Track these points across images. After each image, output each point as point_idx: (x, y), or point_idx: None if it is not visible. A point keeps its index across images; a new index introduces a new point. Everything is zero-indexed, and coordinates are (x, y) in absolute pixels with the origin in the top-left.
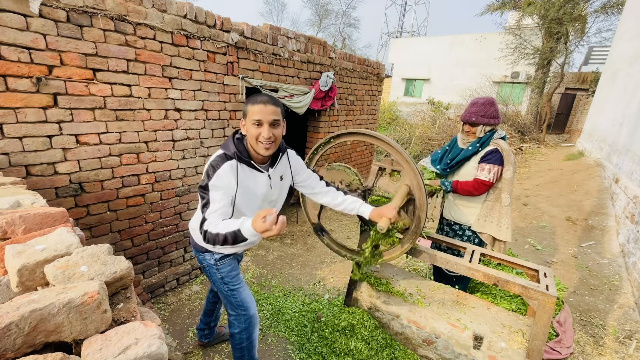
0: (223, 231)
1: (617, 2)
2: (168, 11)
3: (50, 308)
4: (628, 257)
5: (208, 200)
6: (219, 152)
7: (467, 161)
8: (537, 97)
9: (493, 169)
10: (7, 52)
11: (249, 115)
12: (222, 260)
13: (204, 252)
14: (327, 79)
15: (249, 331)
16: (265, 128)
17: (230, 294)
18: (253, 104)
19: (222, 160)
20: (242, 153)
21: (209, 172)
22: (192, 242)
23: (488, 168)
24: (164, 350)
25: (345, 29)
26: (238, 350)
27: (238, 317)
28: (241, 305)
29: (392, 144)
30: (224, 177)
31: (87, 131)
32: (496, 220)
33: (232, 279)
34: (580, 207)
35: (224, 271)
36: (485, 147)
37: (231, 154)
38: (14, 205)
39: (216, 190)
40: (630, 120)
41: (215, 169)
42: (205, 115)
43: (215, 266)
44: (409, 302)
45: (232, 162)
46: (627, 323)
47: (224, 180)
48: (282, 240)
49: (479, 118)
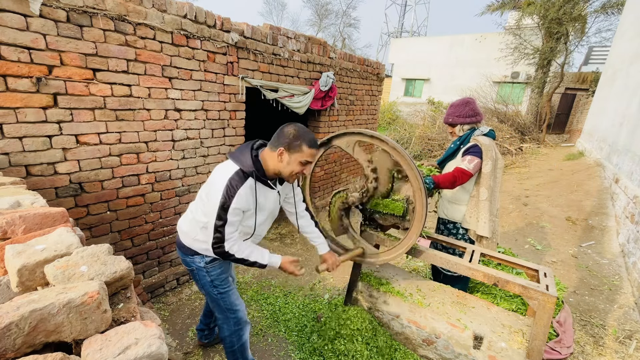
0: (251, 259)
1: (617, 2)
2: (168, 11)
3: (50, 308)
4: (628, 257)
5: (226, 221)
6: (235, 168)
7: (452, 159)
8: (537, 97)
9: (473, 161)
10: (7, 52)
11: (300, 154)
12: (213, 263)
13: (193, 255)
14: (327, 79)
15: (239, 333)
16: (309, 168)
17: (219, 297)
18: (310, 147)
19: (241, 180)
20: (259, 171)
21: (229, 192)
22: (179, 243)
23: (469, 159)
24: (164, 350)
25: (345, 29)
26: (230, 353)
27: (227, 320)
28: (230, 309)
29: (391, 143)
30: (244, 199)
31: (87, 131)
32: (475, 215)
33: (221, 282)
34: (580, 207)
35: (214, 274)
36: (466, 144)
37: (249, 172)
38: (14, 205)
39: (235, 212)
40: (630, 120)
41: (235, 190)
42: (205, 115)
43: (205, 269)
44: (409, 302)
45: (250, 182)
46: (627, 323)
47: (243, 202)
48: (282, 240)
49: (455, 118)
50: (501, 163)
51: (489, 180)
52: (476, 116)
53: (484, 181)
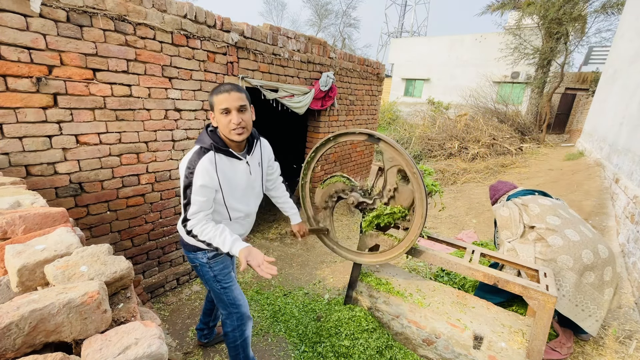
0: (212, 242)
1: (617, 2)
2: (168, 11)
3: (50, 308)
4: (628, 257)
5: (189, 200)
6: (195, 148)
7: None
8: (537, 97)
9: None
10: (7, 52)
11: (215, 106)
12: (215, 259)
13: (196, 251)
14: (327, 79)
15: (242, 329)
16: (234, 114)
17: (222, 292)
18: (217, 94)
19: (198, 156)
20: (219, 143)
21: (188, 171)
22: (182, 241)
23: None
24: (164, 350)
25: (345, 29)
26: (232, 348)
27: (230, 316)
28: (233, 303)
29: (393, 144)
30: (204, 174)
31: (87, 131)
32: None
33: (224, 277)
34: (580, 207)
35: (216, 269)
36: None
37: (208, 146)
38: (14, 205)
39: (199, 189)
40: (630, 120)
41: (194, 166)
42: (205, 115)
43: (207, 264)
44: (409, 302)
45: (210, 155)
46: (627, 323)
47: (204, 177)
48: (282, 240)
49: (492, 201)
50: (562, 208)
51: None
52: (495, 194)
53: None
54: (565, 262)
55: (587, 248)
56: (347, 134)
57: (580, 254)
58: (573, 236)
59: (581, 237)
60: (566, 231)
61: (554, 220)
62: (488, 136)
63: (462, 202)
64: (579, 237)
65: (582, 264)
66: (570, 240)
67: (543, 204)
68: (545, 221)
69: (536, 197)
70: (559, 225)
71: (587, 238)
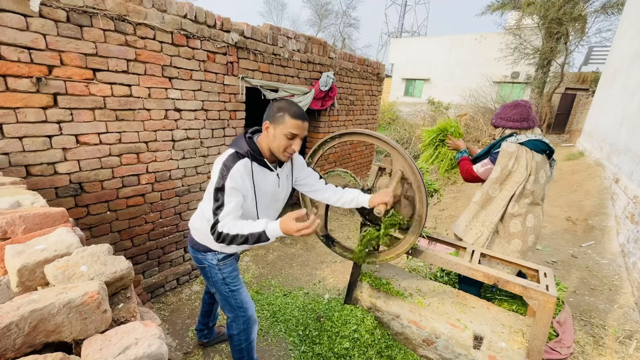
0: (244, 232)
1: (617, 2)
2: (168, 11)
3: (50, 308)
4: (628, 257)
5: (223, 202)
6: (230, 151)
7: (480, 161)
8: (537, 97)
9: (485, 165)
10: (7, 52)
11: (284, 126)
12: (225, 261)
13: (205, 252)
14: (327, 79)
15: (248, 332)
16: (297, 142)
17: (230, 294)
18: (294, 118)
19: (234, 160)
20: (256, 152)
21: (223, 173)
22: (192, 241)
23: (482, 162)
24: (164, 350)
25: (345, 29)
26: (237, 351)
27: (237, 319)
28: (240, 307)
29: (387, 140)
30: (239, 178)
31: (87, 131)
32: (463, 215)
33: (233, 280)
34: (580, 207)
35: (225, 272)
36: (497, 149)
37: (244, 153)
38: (14, 205)
39: (231, 192)
40: (630, 120)
41: (229, 169)
42: (205, 115)
43: (217, 266)
44: (409, 302)
45: (246, 161)
46: (627, 323)
47: (239, 180)
48: (282, 240)
49: (498, 120)
50: (542, 180)
51: (489, 186)
52: (522, 122)
53: (484, 186)
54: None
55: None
56: (350, 133)
57: (527, 239)
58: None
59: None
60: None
61: (530, 220)
62: (488, 136)
63: (462, 202)
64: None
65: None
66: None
67: (535, 191)
68: (524, 203)
69: (540, 171)
70: (525, 213)
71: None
